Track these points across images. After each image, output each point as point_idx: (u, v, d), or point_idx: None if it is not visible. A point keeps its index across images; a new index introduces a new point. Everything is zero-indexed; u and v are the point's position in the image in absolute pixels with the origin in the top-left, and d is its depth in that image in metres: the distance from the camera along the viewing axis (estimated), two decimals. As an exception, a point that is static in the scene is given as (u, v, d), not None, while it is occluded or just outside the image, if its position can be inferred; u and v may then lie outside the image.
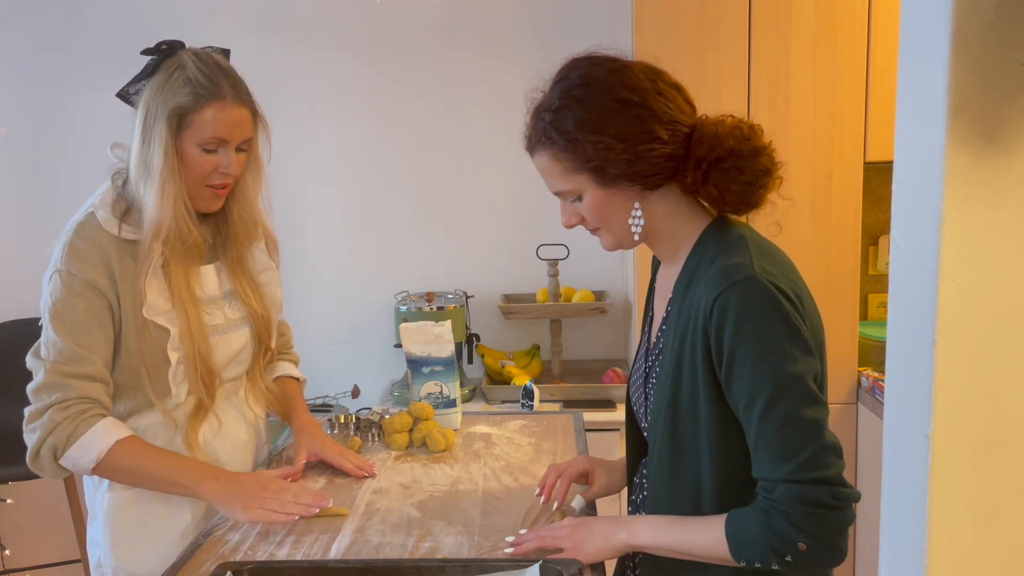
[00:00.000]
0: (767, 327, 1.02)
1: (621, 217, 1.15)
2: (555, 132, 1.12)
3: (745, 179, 1.10)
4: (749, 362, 1.03)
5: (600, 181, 1.12)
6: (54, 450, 1.34)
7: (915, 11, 0.58)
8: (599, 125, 1.09)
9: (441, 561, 1.17)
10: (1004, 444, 0.58)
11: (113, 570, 1.45)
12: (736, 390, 1.05)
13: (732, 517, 1.07)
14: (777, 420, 1.02)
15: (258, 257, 1.59)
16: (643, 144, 1.08)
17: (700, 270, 1.12)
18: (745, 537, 1.04)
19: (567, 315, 2.70)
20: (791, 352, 1.02)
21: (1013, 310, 0.57)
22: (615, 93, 1.09)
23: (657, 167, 1.10)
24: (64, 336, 1.35)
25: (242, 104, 1.42)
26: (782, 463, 1.01)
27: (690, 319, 1.09)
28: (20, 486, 2.79)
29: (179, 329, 1.41)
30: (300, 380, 1.77)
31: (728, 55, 2.32)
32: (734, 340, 1.03)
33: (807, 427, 1.01)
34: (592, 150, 1.09)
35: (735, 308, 1.03)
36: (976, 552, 0.59)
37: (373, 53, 2.84)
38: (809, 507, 1.00)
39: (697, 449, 1.11)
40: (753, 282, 1.03)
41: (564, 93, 1.12)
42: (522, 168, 2.86)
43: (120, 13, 2.83)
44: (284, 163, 2.87)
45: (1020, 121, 0.55)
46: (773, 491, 1.02)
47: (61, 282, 1.36)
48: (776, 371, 1.02)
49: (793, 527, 1.00)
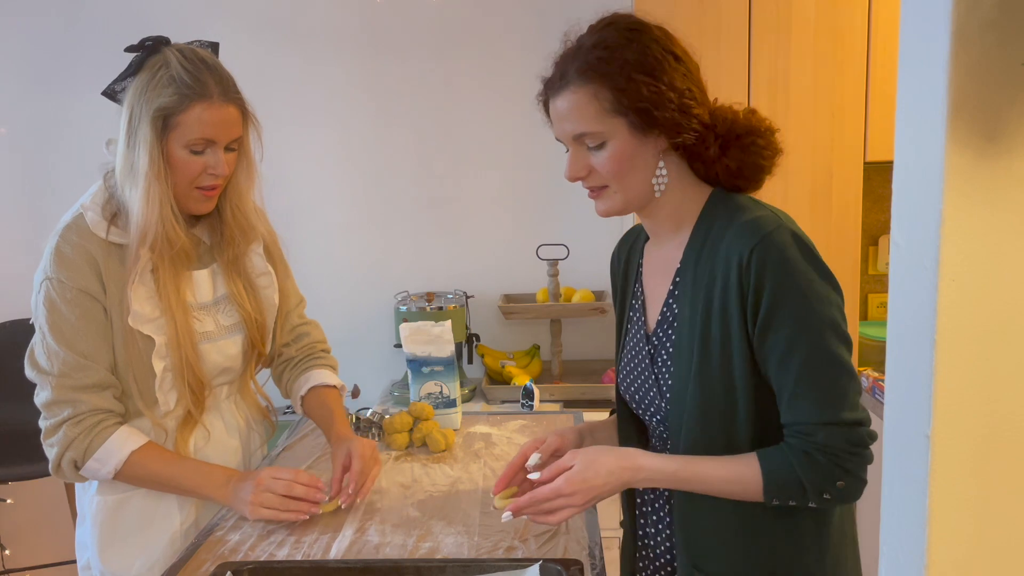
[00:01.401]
0: (809, 273, 1.06)
1: (642, 172, 1.14)
2: (609, 67, 1.09)
3: (761, 153, 1.16)
4: (795, 309, 1.05)
5: (638, 126, 1.10)
6: (74, 463, 1.36)
7: (915, 11, 0.58)
8: (655, 70, 1.09)
9: (441, 561, 1.17)
10: (1004, 444, 0.58)
11: (101, 573, 1.45)
12: (773, 339, 1.07)
13: (765, 458, 1.08)
14: (821, 365, 1.05)
15: (255, 261, 1.55)
16: (688, 99, 1.11)
17: (715, 232, 1.13)
18: (782, 477, 1.07)
19: (567, 315, 2.70)
20: (829, 296, 1.07)
21: (1013, 310, 0.57)
22: (668, 46, 1.12)
23: (692, 126, 1.12)
24: (64, 346, 1.33)
25: (229, 102, 1.36)
26: (826, 406, 1.05)
27: (715, 280, 1.10)
28: (20, 486, 2.79)
29: (166, 337, 1.39)
30: (339, 388, 1.66)
31: (728, 55, 2.32)
32: (778, 289, 1.05)
33: (845, 370, 1.06)
34: (646, 91, 1.08)
35: (776, 257, 1.05)
36: (976, 552, 0.59)
37: (373, 53, 2.84)
38: (853, 447, 1.05)
39: (730, 414, 1.11)
40: (786, 232, 1.07)
41: (620, 35, 1.11)
42: (522, 168, 2.87)
43: (120, 13, 2.83)
44: (284, 163, 2.87)
45: (1020, 121, 0.55)
46: (815, 434, 1.05)
47: (53, 291, 1.34)
48: (822, 316, 1.05)
49: (837, 467, 1.05)
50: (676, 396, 1.16)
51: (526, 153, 2.83)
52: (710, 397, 1.12)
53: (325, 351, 1.72)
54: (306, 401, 1.63)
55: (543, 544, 1.26)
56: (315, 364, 1.66)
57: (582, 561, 1.15)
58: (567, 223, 2.83)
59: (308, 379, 1.63)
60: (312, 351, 1.69)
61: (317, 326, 1.74)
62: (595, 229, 2.79)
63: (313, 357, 1.68)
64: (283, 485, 1.35)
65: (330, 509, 1.39)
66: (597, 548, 1.25)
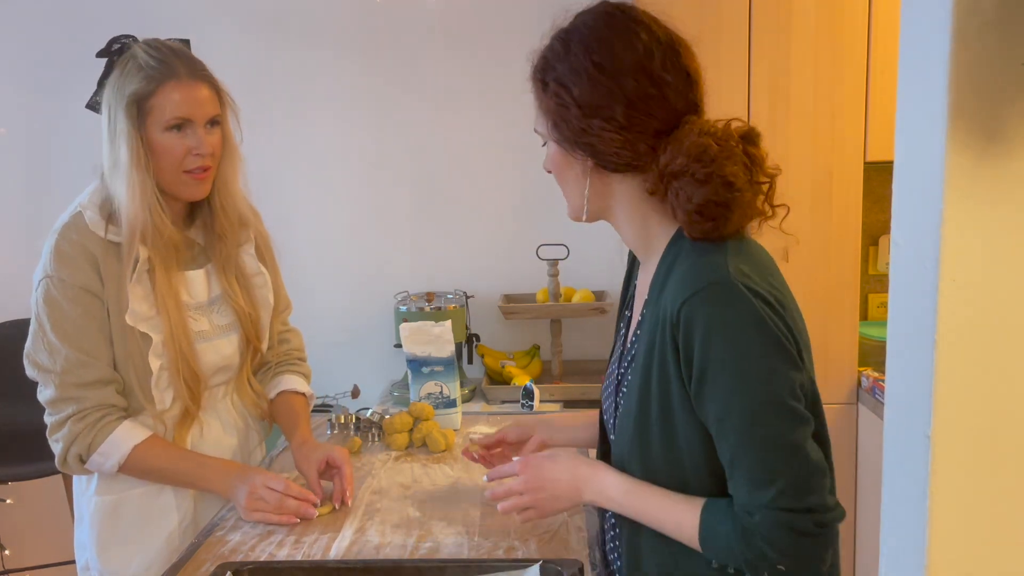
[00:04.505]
0: (742, 340, 0.94)
1: (573, 184, 1.09)
2: (538, 71, 1.06)
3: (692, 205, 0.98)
4: (722, 379, 0.94)
5: (556, 138, 1.06)
6: (79, 457, 1.38)
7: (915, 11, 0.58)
8: (566, 81, 1.01)
9: (441, 561, 1.17)
10: (1004, 444, 0.58)
11: (100, 572, 1.46)
12: (709, 408, 0.96)
13: (707, 517, 1.00)
14: (755, 444, 0.94)
15: (248, 263, 1.55)
16: (597, 119, 1.00)
17: (675, 268, 1.02)
18: (720, 542, 0.98)
19: (567, 315, 2.70)
20: (770, 367, 0.94)
21: (1013, 310, 0.57)
22: (595, 55, 1.00)
23: (610, 150, 1.01)
24: (66, 343, 1.35)
25: (198, 80, 1.38)
26: (762, 489, 0.94)
27: (658, 325, 1.00)
28: (20, 486, 2.79)
29: (163, 335, 1.40)
30: (307, 396, 1.66)
31: (728, 55, 2.32)
32: (705, 354, 0.94)
33: (788, 451, 0.94)
34: (552, 103, 1.03)
35: (705, 317, 0.94)
36: (976, 552, 0.59)
37: (373, 53, 2.84)
38: (791, 534, 0.94)
39: (676, 466, 1.03)
40: (725, 287, 0.94)
41: (558, 36, 1.05)
42: (522, 168, 2.87)
43: (120, 14, 2.83)
44: (284, 163, 2.87)
45: (1020, 121, 0.55)
46: (753, 515, 0.96)
47: (54, 288, 1.35)
48: (754, 391, 0.94)
49: (774, 550, 0.95)
50: (620, 433, 1.11)
51: (526, 153, 2.83)
52: (649, 444, 1.04)
53: (301, 359, 1.72)
54: (273, 405, 1.63)
55: (543, 544, 1.26)
56: (287, 370, 1.67)
57: (582, 561, 1.15)
58: (567, 223, 2.79)
59: (278, 384, 1.64)
60: (288, 357, 1.69)
61: (298, 334, 1.76)
62: (595, 229, 2.76)
63: (288, 363, 1.68)
64: (274, 499, 1.36)
65: (326, 512, 1.40)
66: (597, 548, 1.25)
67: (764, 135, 1.08)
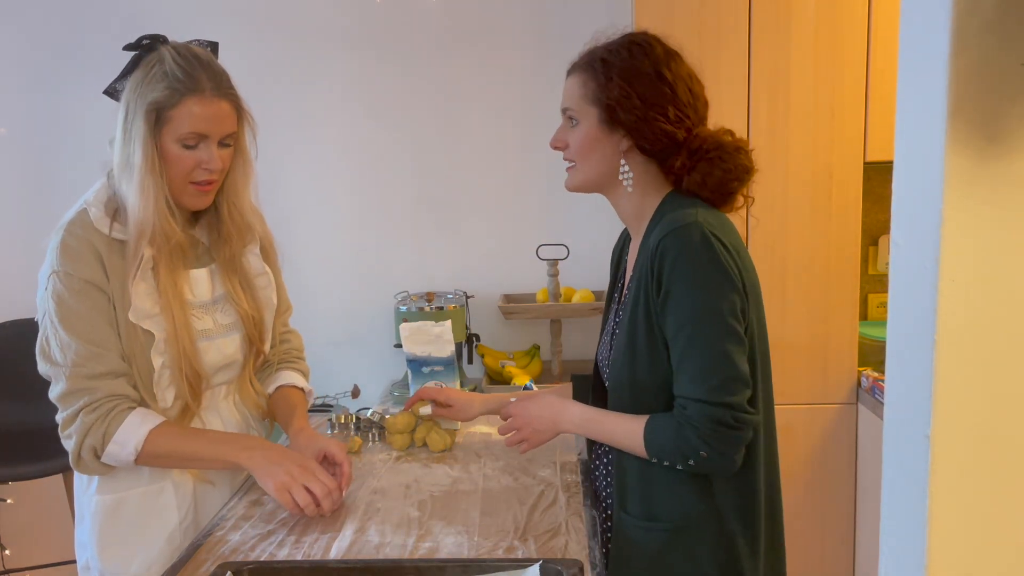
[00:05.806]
0: (700, 264, 1.22)
1: (600, 160, 1.34)
2: (600, 66, 1.32)
3: (722, 167, 1.30)
4: (681, 294, 1.22)
5: (604, 120, 1.31)
6: (94, 450, 1.36)
7: (915, 11, 0.58)
8: (633, 80, 1.29)
9: (441, 561, 1.17)
10: (1004, 444, 0.58)
11: (100, 572, 1.45)
12: (668, 319, 1.24)
13: (651, 422, 1.27)
14: (698, 347, 1.22)
15: (252, 262, 1.56)
16: (653, 112, 1.29)
17: (659, 223, 1.29)
18: (658, 440, 1.25)
19: (567, 315, 2.70)
20: (718, 289, 1.22)
21: (1013, 310, 0.57)
22: (659, 66, 1.30)
23: (655, 136, 1.29)
24: (76, 336, 1.35)
25: (222, 97, 1.37)
26: (696, 384, 1.22)
27: (645, 263, 1.27)
28: (20, 486, 2.79)
29: (165, 332, 1.40)
30: (305, 391, 1.68)
31: (728, 55, 2.32)
32: (671, 274, 1.23)
33: (722, 357, 1.21)
34: (617, 93, 1.29)
35: (675, 247, 1.23)
36: (976, 552, 0.59)
37: (373, 53, 2.84)
38: (713, 424, 1.21)
39: (657, 386, 1.28)
40: (694, 227, 1.23)
41: (625, 45, 1.33)
42: (523, 168, 2.88)
43: (121, 13, 2.83)
44: (285, 164, 2.88)
45: (1020, 121, 0.55)
46: (687, 407, 1.23)
47: (61, 283, 1.35)
48: (704, 304, 1.22)
49: (699, 439, 1.21)
50: (614, 364, 1.35)
51: (526, 153, 2.83)
52: (635, 371, 1.30)
53: (299, 358, 1.74)
54: (271, 399, 1.64)
55: (543, 544, 1.26)
56: (286, 367, 1.69)
57: (582, 561, 1.15)
58: (567, 223, 2.83)
59: (276, 379, 1.66)
60: (287, 356, 1.71)
61: (298, 336, 1.77)
62: (595, 229, 2.79)
63: (287, 362, 1.70)
64: (320, 489, 1.36)
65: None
66: (597, 548, 1.25)
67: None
